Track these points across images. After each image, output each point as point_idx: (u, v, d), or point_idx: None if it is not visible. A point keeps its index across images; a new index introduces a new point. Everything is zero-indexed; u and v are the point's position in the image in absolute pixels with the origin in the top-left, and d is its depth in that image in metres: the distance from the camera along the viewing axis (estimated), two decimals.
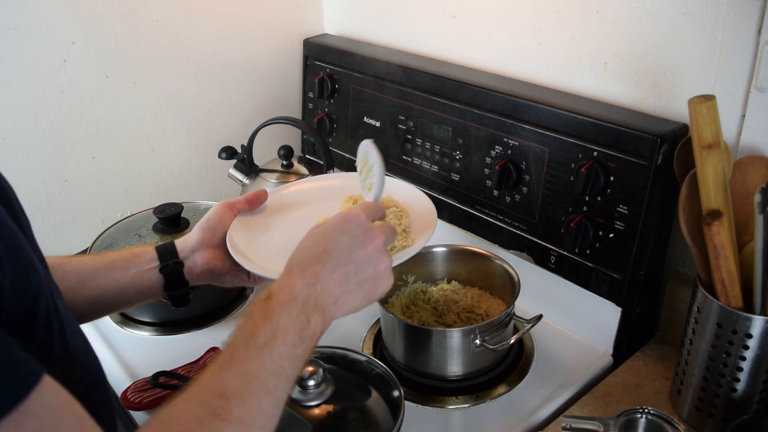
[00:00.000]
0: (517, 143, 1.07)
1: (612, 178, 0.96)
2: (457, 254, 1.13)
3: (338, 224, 0.69)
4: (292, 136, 1.56)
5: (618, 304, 1.00)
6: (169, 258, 0.86)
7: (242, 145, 1.37)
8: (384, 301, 1.06)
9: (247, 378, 0.56)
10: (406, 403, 0.89)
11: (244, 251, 0.86)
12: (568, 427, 0.83)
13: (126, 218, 1.24)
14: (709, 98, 0.77)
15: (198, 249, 0.87)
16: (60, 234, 1.30)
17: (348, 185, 0.96)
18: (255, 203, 0.94)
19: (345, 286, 0.66)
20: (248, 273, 0.88)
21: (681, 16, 0.92)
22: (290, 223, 0.94)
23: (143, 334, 1.13)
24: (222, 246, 0.88)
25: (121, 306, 0.94)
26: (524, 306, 1.09)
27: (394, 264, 0.74)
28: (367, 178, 0.88)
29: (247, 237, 0.89)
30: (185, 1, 1.32)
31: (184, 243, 0.88)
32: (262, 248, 0.88)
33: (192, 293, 0.89)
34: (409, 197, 0.94)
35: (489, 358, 0.99)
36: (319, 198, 0.98)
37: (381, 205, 0.79)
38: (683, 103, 0.80)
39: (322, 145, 1.31)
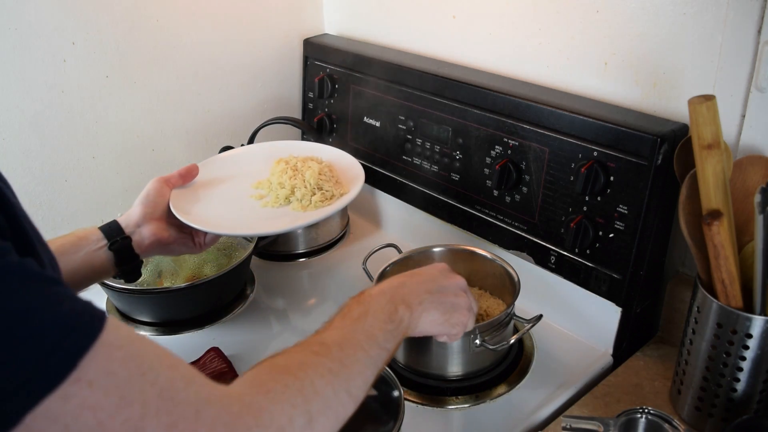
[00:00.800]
0: (517, 143, 1.07)
1: (612, 178, 0.96)
2: (457, 254, 1.13)
3: (425, 267, 0.79)
4: (292, 136, 1.56)
5: (618, 304, 1.00)
6: (116, 235, 0.92)
7: (242, 145, 1.37)
8: None
9: (344, 335, 0.63)
10: (406, 403, 0.89)
11: (188, 214, 0.94)
12: (568, 427, 0.83)
13: None
14: (709, 98, 0.77)
15: (143, 223, 0.94)
16: (60, 234, 1.30)
17: (277, 149, 1.09)
18: (188, 177, 1.02)
19: (428, 296, 0.74)
20: (193, 239, 0.98)
21: (681, 16, 0.92)
22: (226, 187, 1.04)
23: (143, 334, 1.13)
24: (165, 218, 0.96)
25: (74, 288, 0.99)
26: (524, 306, 1.09)
27: (338, 208, 0.95)
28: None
29: (188, 203, 0.98)
30: (185, 1, 1.32)
31: (127, 219, 0.94)
32: (203, 210, 0.97)
33: (143, 266, 0.96)
34: (333, 155, 1.10)
35: (489, 358, 0.99)
36: (249, 162, 1.09)
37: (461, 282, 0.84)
38: (683, 103, 0.80)
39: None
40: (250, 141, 1.36)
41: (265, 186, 1.04)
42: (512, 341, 0.96)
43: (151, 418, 0.44)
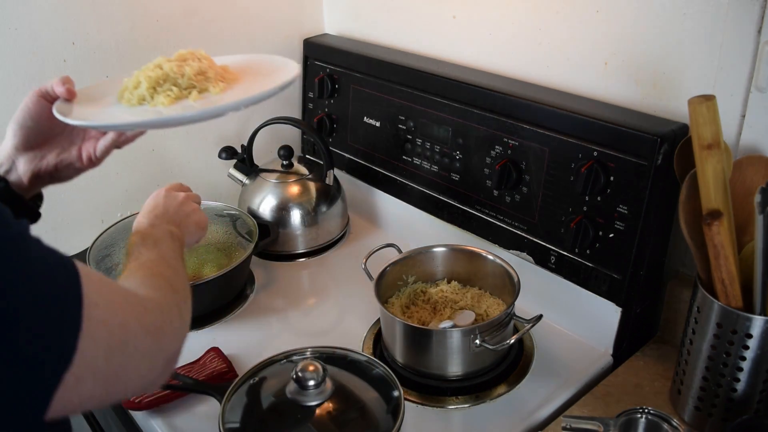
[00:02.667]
0: (517, 143, 1.07)
1: (612, 178, 0.96)
2: (457, 254, 1.13)
3: (152, 198, 0.88)
4: (292, 136, 1.56)
5: (618, 304, 1.00)
6: None
7: (242, 145, 1.37)
8: (384, 301, 1.07)
9: (157, 255, 0.75)
10: (406, 403, 0.89)
11: (67, 115, 0.79)
12: (568, 427, 0.83)
13: (126, 218, 1.24)
14: (709, 98, 0.77)
15: (17, 157, 0.81)
16: (60, 234, 1.30)
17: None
18: (69, 82, 0.84)
19: (178, 217, 0.86)
20: (81, 155, 0.84)
21: (681, 16, 0.92)
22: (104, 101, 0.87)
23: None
24: (41, 144, 0.83)
25: None
26: (524, 306, 1.09)
27: (240, 105, 0.80)
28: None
29: (70, 109, 0.81)
30: (185, 1, 1.32)
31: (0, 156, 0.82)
32: (83, 113, 0.81)
33: (40, 203, 0.87)
34: (263, 60, 0.96)
35: (489, 358, 0.99)
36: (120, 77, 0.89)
37: (177, 184, 0.94)
38: (683, 103, 0.80)
39: (322, 145, 1.31)
40: (250, 141, 1.36)
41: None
42: (512, 341, 0.96)
43: (129, 319, 0.58)
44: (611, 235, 0.98)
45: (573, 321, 1.08)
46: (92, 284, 0.54)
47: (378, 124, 1.34)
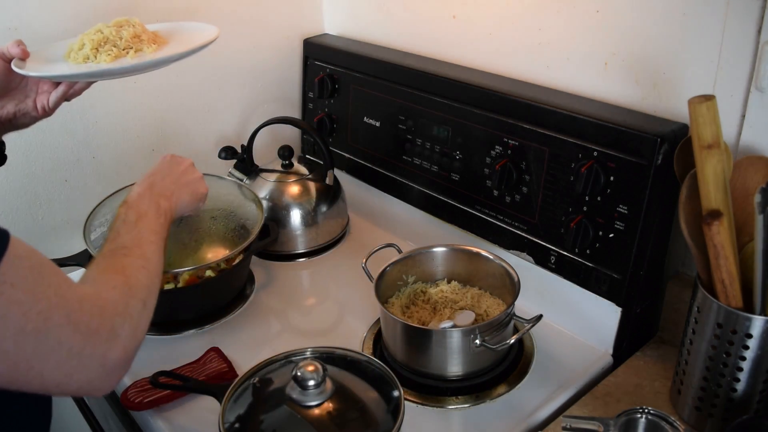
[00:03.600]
0: (517, 143, 1.07)
1: (612, 178, 0.96)
2: (457, 254, 1.13)
3: (157, 163, 0.96)
4: (292, 136, 1.56)
5: (618, 304, 1.01)
6: None
7: (242, 145, 1.37)
8: (384, 301, 1.07)
9: (134, 237, 0.79)
10: (406, 403, 0.89)
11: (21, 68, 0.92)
12: (568, 427, 0.82)
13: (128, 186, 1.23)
14: (709, 98, 0.77)
15: None
16: (60, 234, 1.30)
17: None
18: (22, 44, 0.95)
19: (174, 186, 0.92)
20: (36, 106, 0.96)
21: (681, 16, 0.92)
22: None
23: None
24: (1, 96, 0.94)
25: None
26: (524, 306, 1.09)
27: (166, 59, 0.97)
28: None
29: (25, 66, 0.94)
30: (185, 2, 1.32)
31: None
32: (41, 68, 0.94)
33: (4, 148, 1.00)
34: (188, 27, 1.10)
35: (489, 358, 0.99)
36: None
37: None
38: (683, 103, 0.80)
39: (323, 145, 1.31)
40: (250, 141, 1.36)
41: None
42: (512, 341, 0.96)
43: (54, 309, 0.59)
44: (611, 235, 0.98)
45: (573, 321, 1.08)
46: (17, 264, 0.56)
47: (378, 124, 1.34)
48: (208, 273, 1.12)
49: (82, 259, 1.15)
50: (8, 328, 0.55)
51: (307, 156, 1.55)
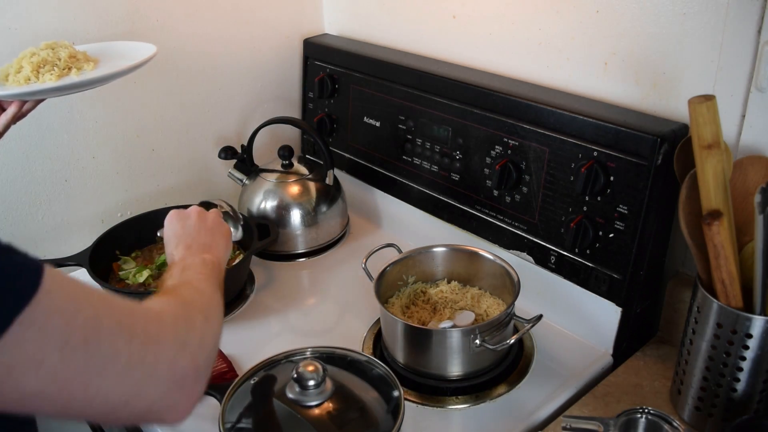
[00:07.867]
0: (517, 143, 1.07)
1: (612, 178, 0.96)
2: (457, 254, 1.13)
3: (178, 218, 0.92)
4: (292, 136, 1.56)
5: (618, 304, 1.00)
6: None
7: (242, 145, 1.37)
8: (384, 301, 1.07)
9: (182, 281, 0.76)
10: (406, 403, 0.89)
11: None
12: (568, 427, 0.83)
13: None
14: (709, 98, 0.77)
15: None
16: (60, 234, 1.30)
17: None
18: None
19: (209, 237, 0.89)
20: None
21: (681, 16, 0.92)
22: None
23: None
24: None
25: None
26: (524, 306, 1.09)
27: (105, 76, 0.99)
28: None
29: None
30: (186, 2, 1.32)
31: None
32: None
33: None
34: (120, 46, 1.11)
35: (489, 358, 0.99)
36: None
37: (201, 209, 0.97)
38: (683, 103, 0.80)
39: (323, 145, 1.31)
40: (250, 141, 1.36)
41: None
42: (512, 341, 0.96)
43: (102, 317, 0.53)
44: (611, 235, 0.98)
45: (573, 321, 1.08)
46: (56, 278, 0.50)
47: (378, 124, 1.34)
48: None
49: (82, 259, 1.14)
50: (50, 341, 0.48)
51: (307, 156, 1.55)
